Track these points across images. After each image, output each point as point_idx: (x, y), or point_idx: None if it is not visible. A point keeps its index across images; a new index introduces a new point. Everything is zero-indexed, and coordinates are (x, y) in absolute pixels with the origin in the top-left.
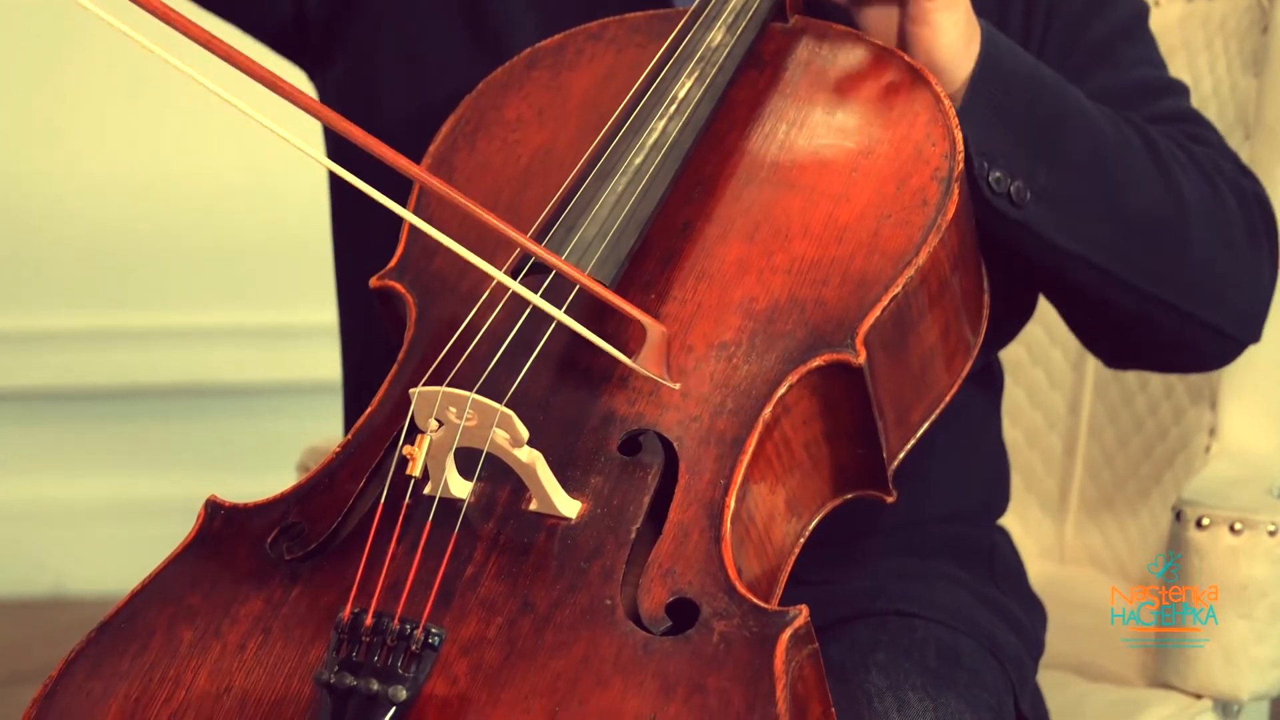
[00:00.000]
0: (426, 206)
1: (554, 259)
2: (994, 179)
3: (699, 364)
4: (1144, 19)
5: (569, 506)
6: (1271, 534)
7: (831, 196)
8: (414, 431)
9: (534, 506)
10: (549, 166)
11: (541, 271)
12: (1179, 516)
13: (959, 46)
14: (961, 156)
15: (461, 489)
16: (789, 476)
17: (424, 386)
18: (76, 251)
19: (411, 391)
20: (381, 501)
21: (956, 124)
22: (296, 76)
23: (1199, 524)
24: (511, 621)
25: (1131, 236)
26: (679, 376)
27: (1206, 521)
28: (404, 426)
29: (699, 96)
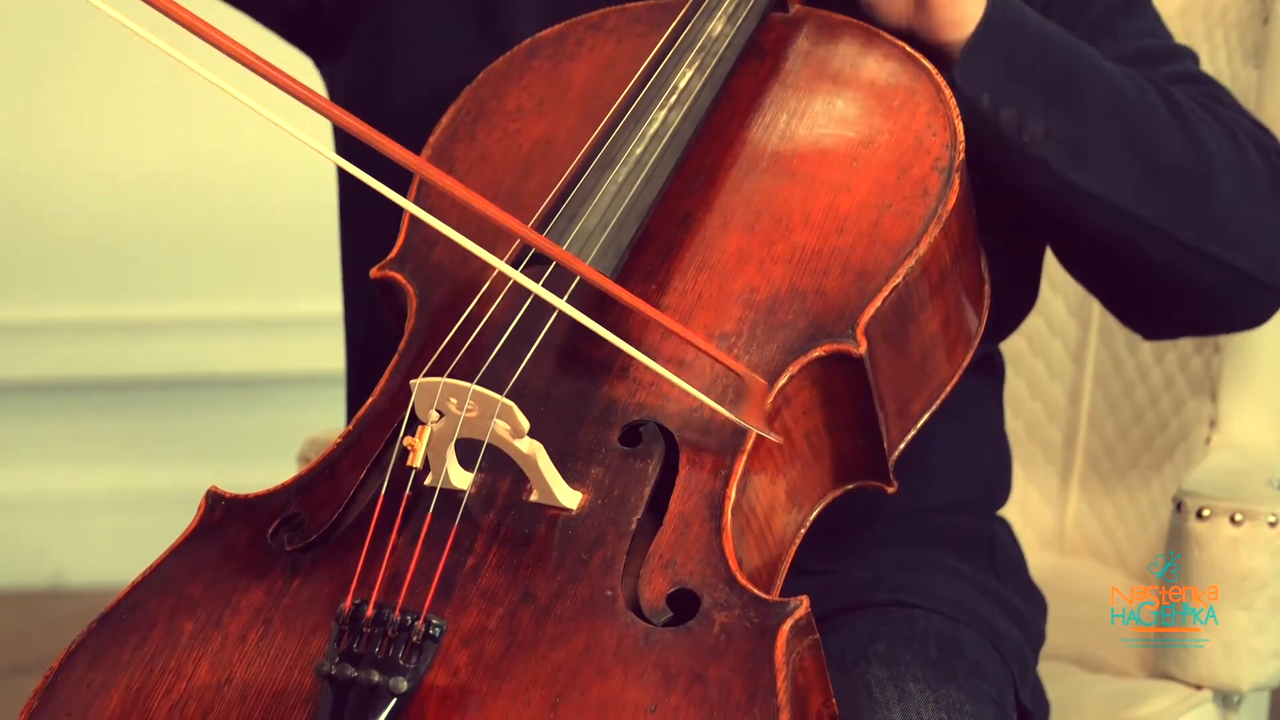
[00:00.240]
0: (427, 197)
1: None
2: (1004, 116)
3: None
4: None
5: (570, 497)
6: (1272, 525)
7: (832, 186)
8: (415, 423)
9: (535, 497)
10: (549, 156)
11: (543, 262)
12: (1179, 507)
13: (967, 6)
14: (963, 146)
15: (462, 480)
16: (790, 467)
17: (424, 378)
18: (76, 243)
19: (412, 383)
20: (382, 493)
21: (958, 114)
22: (298, 66)
23: (1199, 515)
24: (512, 612)
25: (1157, 182)
26: (679, 368)
27: (1207, 512)
28: (405, 418)
29: (700, 87)
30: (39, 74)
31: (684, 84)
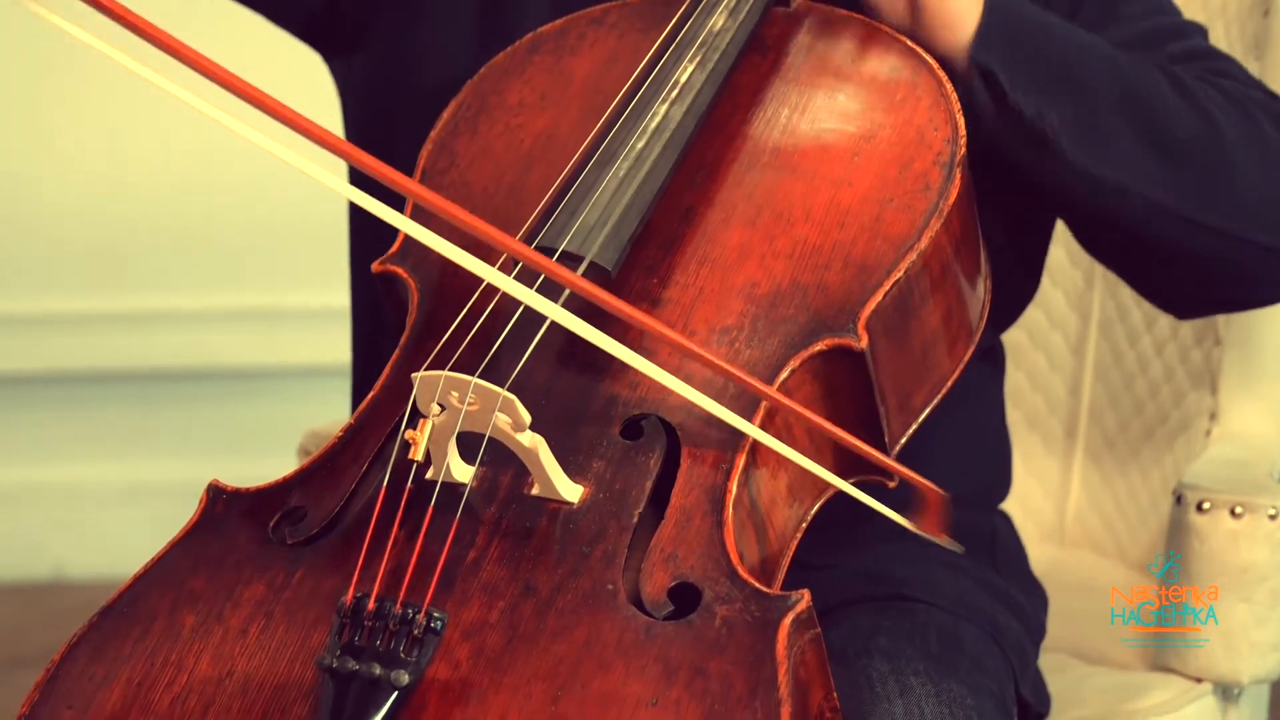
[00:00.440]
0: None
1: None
2: (1023, 103)
3: (701, 348)
4: None
5: (571, 491)
6: (1272, 518)
7: (834, 181)
8: (416, 416)
9: (536, 491)
10: (551, 151)
11: (544, 255)
12: (1179, 500)
13: (961, 4)
14: (964, 141)
15: (464, 473)
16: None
17: (426, 371)
18: (76, 235)
19: (414, 376)
20: (384, 486)
21: (959, 109)
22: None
23: (1199, 508)
24: (513, 606)
25: (1173, 165)
26: (680, 361)
27: (1207, 505)
28: (406, 411)
29: (701, 81)
30: (41, 68)
31: (686, 79)
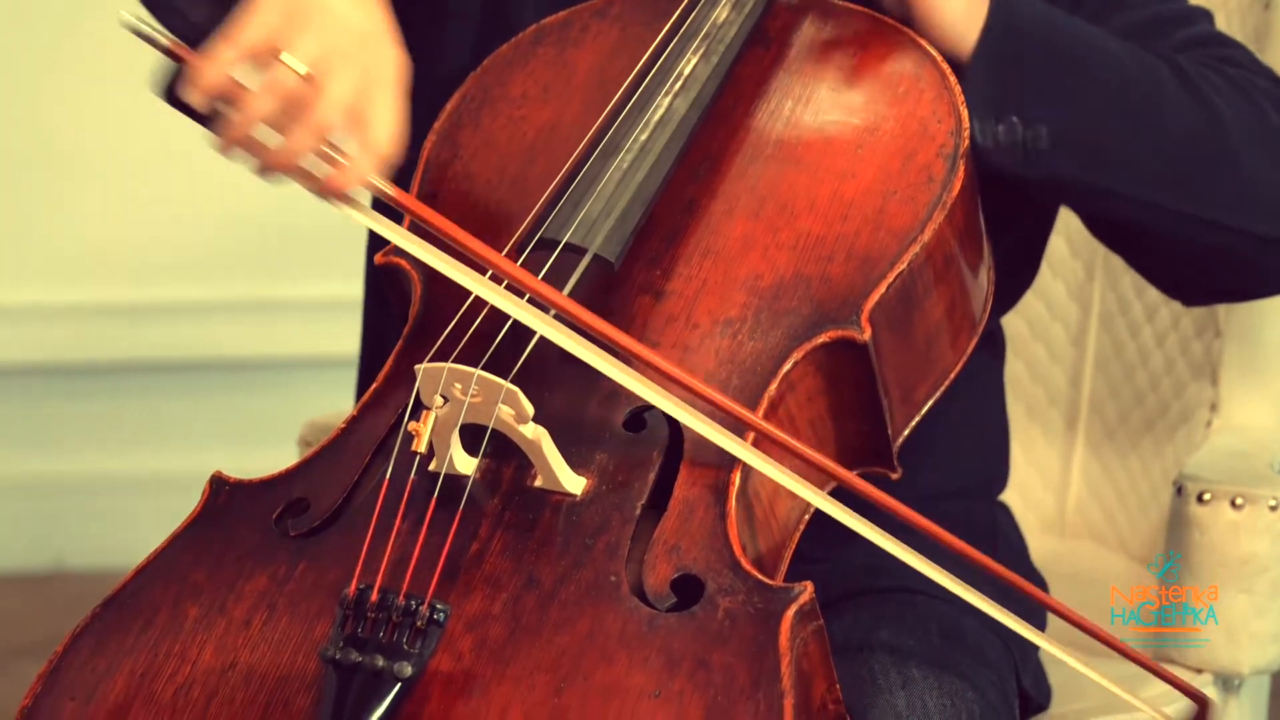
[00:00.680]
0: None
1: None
2: (1002, 138)
3: (704, 341)
4: None
5: (574, 483)
6: (1272, 509)
7: (837, 173)
8: (419, 408)
9: (539, 483)
10: (554, 143)
11: (547, 248)
12: (1180, 491)
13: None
14: (968, 133)
15: (467, 465)
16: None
17: (429, 363)
18: (76, 227)
19: (417, 368)
20: (387, 478)
21: (962, 100)
22: None
23: (1200, 499)
24: (516, 598)
25: (1176, 164)
26: (684, 353)
27: (1207, 496)
28: (409, 403)
29: (705, 74)
30: (47, 64)
31: (689, 71)
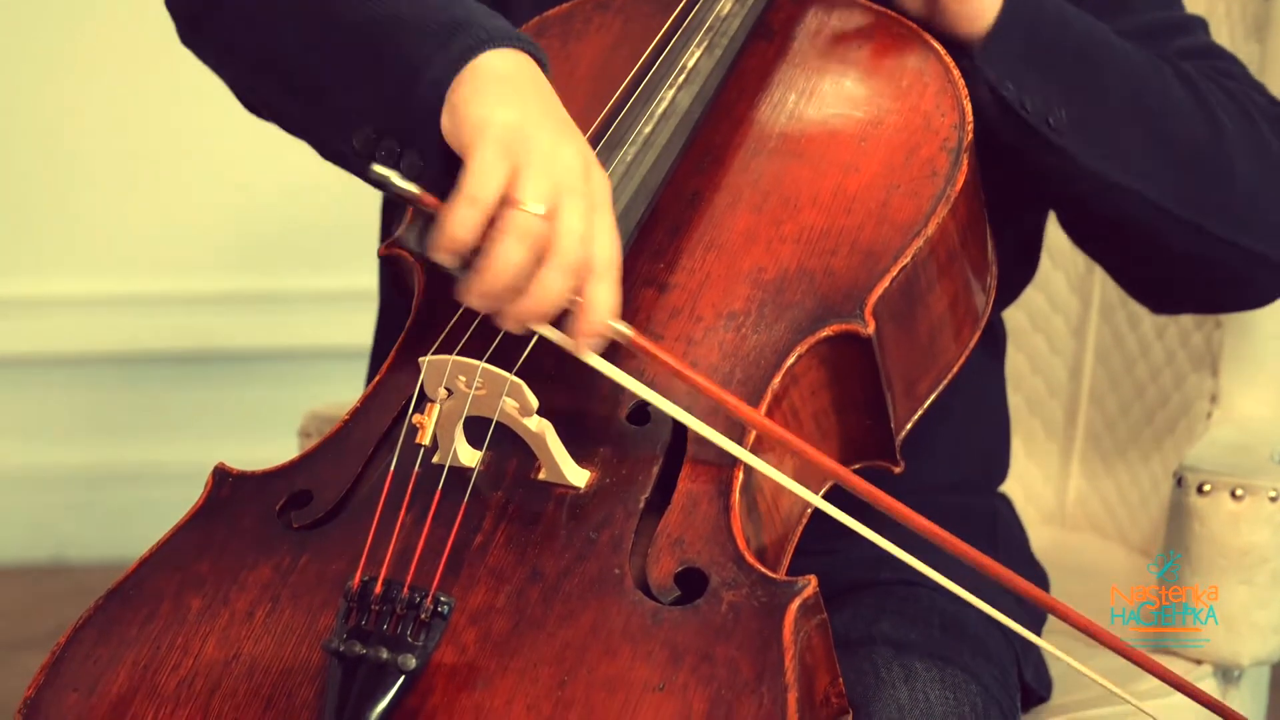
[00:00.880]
0: None
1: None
2: (1030, 104)
3: (707, 334)
4: None
5: (578, 476)
6: (1273, 500)
7: (840, 166)
8: (424, 400)
9: (543, 476)
10: None
11: None
12: (1180, 482)
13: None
14: (971, 127)
15: (471, 458)
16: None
17: (434, 355)
18: (78, 217)
19: (421, 360)
20: (391, 470)
21: (966, 94)
22: None
23: (1200, 490)
24: (520, 590)
25: (1176, 166)
26: (688, 346)
27: (1207, 487)
28: (414, 395)
29: (708, 66)
30: (59, 55)
31: (692, 64)
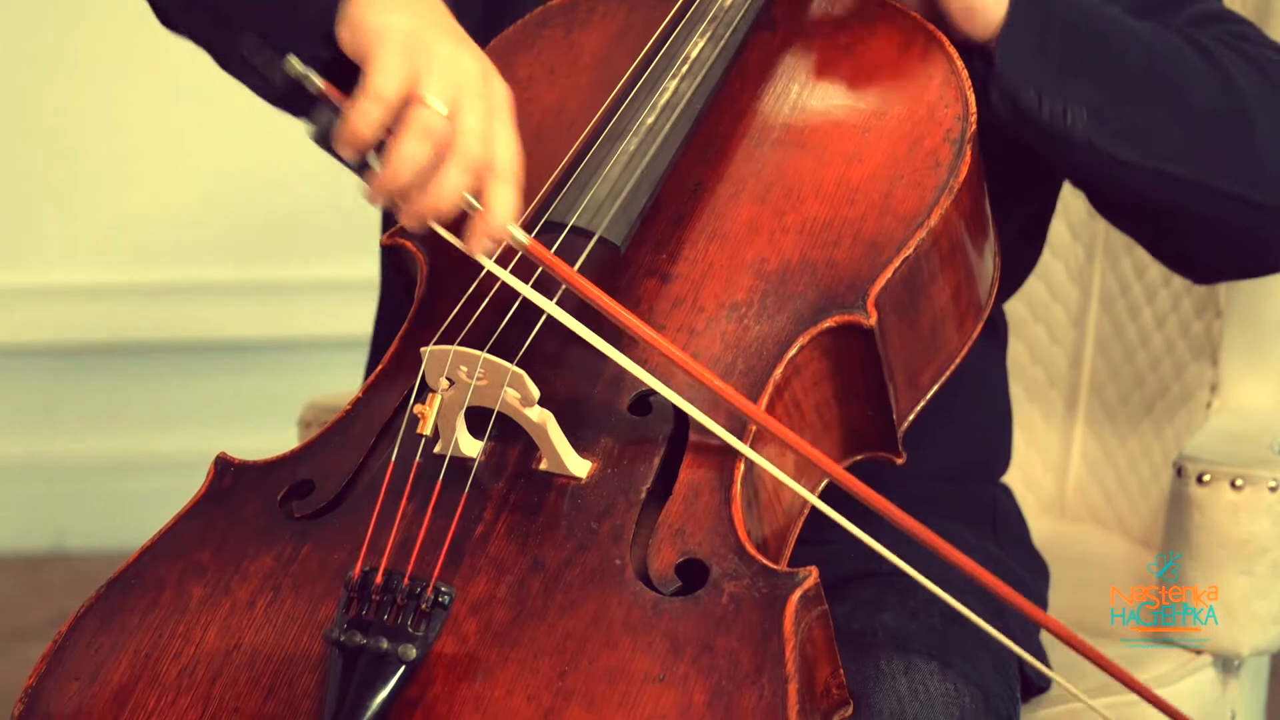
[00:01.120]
0: None
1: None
2: (1048, 110)
3: (710, 324)
4: None
5: (579, 466)
6: (1273, 490)
7: (843, 157)
8: (425, 390)
9: (544, 466)
10: (561, 125)
11: (553, 231)
12: (1180, 472)
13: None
14: (974, 118)
15: (472, 448)
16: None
17: (435, 345)
18: (77, 208)
19: (423, 350)
20: (392, 460)
21: (970, 85)
22: None
23: (1200, 480)
24: (521, 581)
25: (1199, 138)
26: (690, 336)
27: (1207, 477)
28: (415, 385)
29: (711, 57)
30: (58, 49)
31: (696, 54)
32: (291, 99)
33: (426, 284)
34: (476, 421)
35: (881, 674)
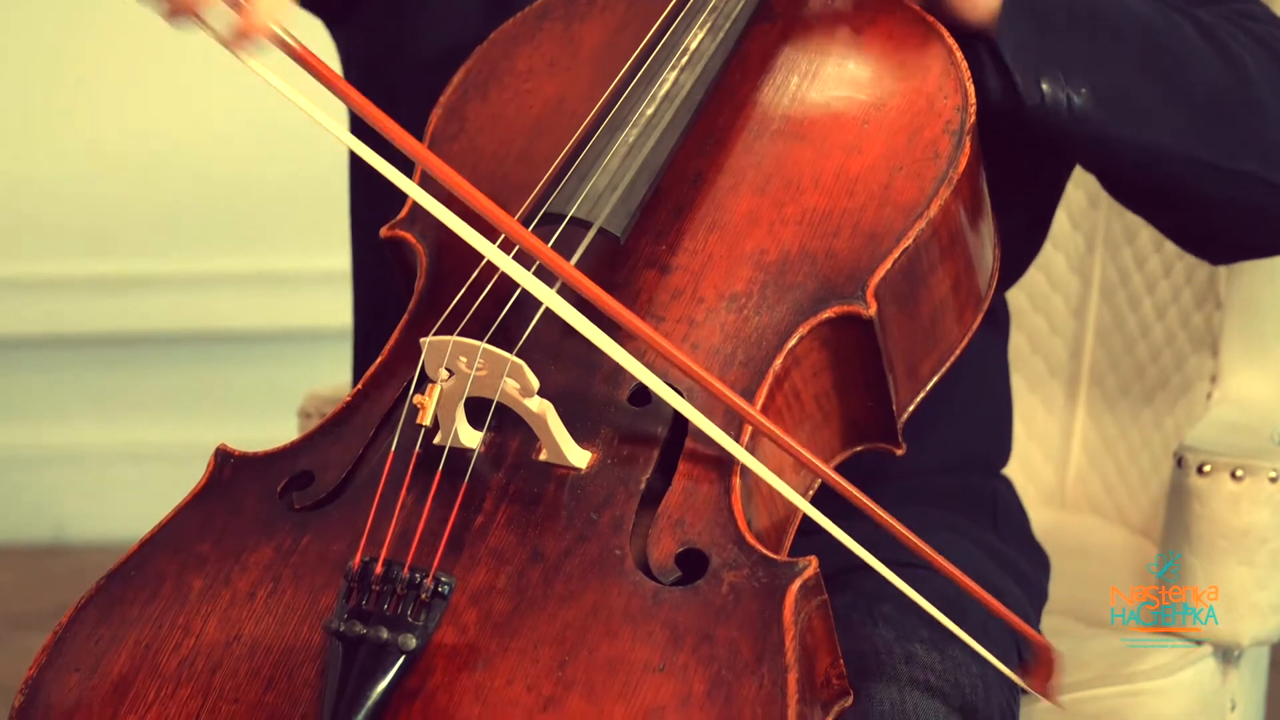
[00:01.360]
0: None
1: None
2: (1049, 91)
3: (709, 315)
4: None
5: (579, 456)
6: (1273, 480)
7: (843, 148)
8: (424, 381)
9: (544, 456)
10: (561, 117)
11: (553, 222)
12: (1180, 463)
13: None
14: (974, 109)
15: (471, 439)
16: (798, 429)
17: (435, 336)
18: (77, 197)
19: (422, 341)
20: (391, 451)
21: (969, 76)
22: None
23: (1200, 470)
24: (521, 571)
25: (1204, 117)
26: (690, 327)
27: (1208, 468)
28: (414, 376)
29: (711, 48)
30: (44, 38)
31: (695, 45)
32: None
33: (426, 275)
34: (476, 412)
35: (882, 664)
